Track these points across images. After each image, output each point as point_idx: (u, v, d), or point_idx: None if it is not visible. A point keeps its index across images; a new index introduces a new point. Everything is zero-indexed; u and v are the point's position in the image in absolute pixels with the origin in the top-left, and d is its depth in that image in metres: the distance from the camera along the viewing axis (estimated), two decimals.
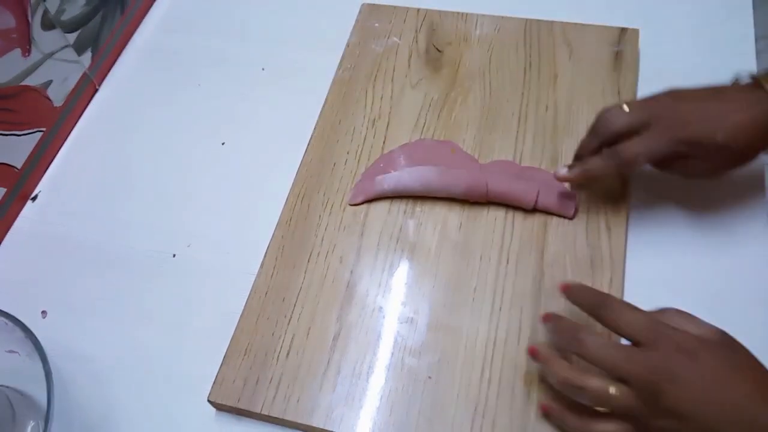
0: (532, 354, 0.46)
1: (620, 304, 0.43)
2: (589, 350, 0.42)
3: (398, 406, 0.49)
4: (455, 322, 0.53)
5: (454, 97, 0.66)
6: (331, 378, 0.51)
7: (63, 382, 0.54)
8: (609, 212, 0.57)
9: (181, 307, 0.58)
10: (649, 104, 0.50)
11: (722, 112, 0.48)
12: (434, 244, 0.57)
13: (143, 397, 0.53)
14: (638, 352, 0.41)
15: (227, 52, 0.75)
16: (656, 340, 0.41)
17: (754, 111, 0.48)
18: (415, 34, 0.71)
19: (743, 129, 0.48)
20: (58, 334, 0.56)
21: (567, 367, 0.43)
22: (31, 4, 0.62)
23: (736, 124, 0.48)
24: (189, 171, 0.66)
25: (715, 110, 0.48)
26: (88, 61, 0.72)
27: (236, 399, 0.50)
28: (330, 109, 0.66)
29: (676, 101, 0.50)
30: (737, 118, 0.48)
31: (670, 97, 0.51)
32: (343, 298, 0.55)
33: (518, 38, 0.69)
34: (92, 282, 0.60)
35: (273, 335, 0.53)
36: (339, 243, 0.58)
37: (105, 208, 0.64)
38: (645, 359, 0.40)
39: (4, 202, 0.63)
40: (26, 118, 0.64)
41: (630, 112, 0.50)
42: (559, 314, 0.46)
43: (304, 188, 0.61)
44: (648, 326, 0.41)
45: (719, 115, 0.48)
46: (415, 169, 0.59)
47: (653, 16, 0.72)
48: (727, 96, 0.50)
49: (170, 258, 0.60)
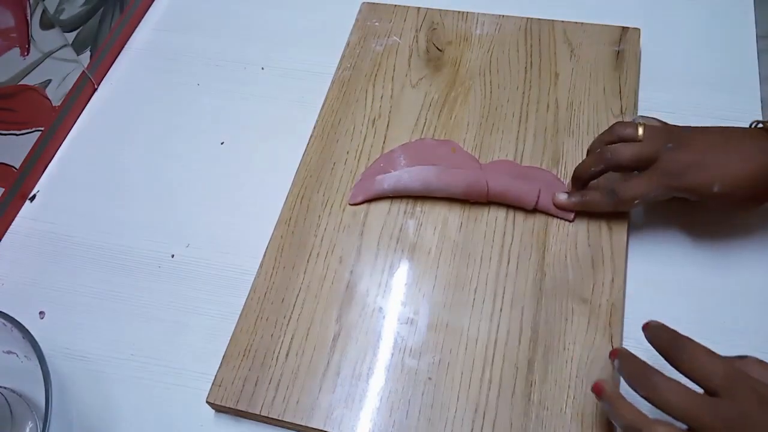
0: (597, 392, 0.42)
1: (696, 348, 0.40)
2: (661, 396, 0.38)
3: (398, 407, 0.49)
4: (455, 323, 0.53)
5: (455, 97, 0.66)
6: (330, 379, 0.51)
7: (61, 382, 0.53)
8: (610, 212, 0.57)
9: (180, 307, 0.57)
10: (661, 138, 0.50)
11: (724, 162, 0.48)
12: (434, 245, 0.57)
13: (142, 398, 0.53)
14: (714, 402, 0.38)
15: (226, 51, 0.75)
16: (734, 389, 0.38)
17: (757, 162, 0.47)
18: (416, 33, 0.71)
19: (744, 180, 0.47)
20: (57, 335, 0.56)
21: (635, 411, 0.40)
22: (30, 4, 0.62)
23: (736, 176, 0.47)
24: (188, 171, 0.66)
25: (717, 161, 0.48)
26: (87, 61, 0.72)
27: (235, 400, 0.50)
28: (330, 109, 0.66)
29: (685, 144, 0.49)
30: (738, 170, 0.47)
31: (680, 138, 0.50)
32: (343, 299, 0.54)
33: (519, 37, 0.69)
34: (90, 282, 0.59)
35: (272, 336, 0.53)
36: (339, 243, 0.57)
37: (103, 208, 0.64)
38: (721, 409, 0.37)
39: (2, 201, 0.63)
40: (25, 118, 0.64)
41: (642, 145, 0.50)
42: (629, 352, 0.42)
43: (303, 188, 0.61)
44: (726, 374, 0.38)
45: (720, 166, 0.48)
46: (415, 168, 0.59)
47: (654, 15, 0.72)
48: (734, 144, 0.49)
49: (169, 258, 0.60)
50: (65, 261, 0.61)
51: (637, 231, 0.57)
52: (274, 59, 0.73)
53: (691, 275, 0.55)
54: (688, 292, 0.54)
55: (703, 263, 0.56)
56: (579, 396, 0.49)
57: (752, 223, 0.57)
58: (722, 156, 0.48)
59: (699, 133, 0.50)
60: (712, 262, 0.56)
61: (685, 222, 0.58)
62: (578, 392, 0.49)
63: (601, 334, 0.51)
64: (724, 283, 0.54)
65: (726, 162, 0.47)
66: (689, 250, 0.56)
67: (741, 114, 0.63)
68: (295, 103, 0.69)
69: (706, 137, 0.50)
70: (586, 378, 0.49)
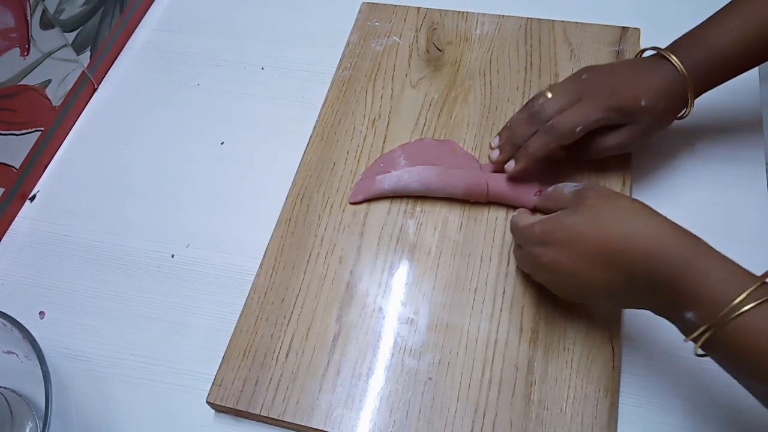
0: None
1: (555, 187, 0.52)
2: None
3: (398, 407, 0.49)
4: (456, 323, 0.53)
5: (455, 97, 0.66)
6: (330, 379, 0.51)
7: (61, 382, 0.53)
8: None
9: (180, 307, 0.57)
10: (574, 84, 0.54)
11: (642, 81, 0.53)
12: (434, 245, 0.57)
13: (142, 399, 0.53)
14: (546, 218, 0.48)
15: (226, 51, 0.75)
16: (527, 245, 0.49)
17: (667, 79, 0.53)
18: (416, 33, 0.71)
19: (662, 95, 0.53)
20: (57, 335, 0.56)
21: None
22: (30, 4, 0.62)
23: (656, 90, 0.53)
24: (188, 171, 0.66)
25: (637, 80, 0.53)
26: (87, 61, 0.72)
27: (235, 400, 0.50)
28: (330, 109, 0.66)
29: (600, 75, 0.54)
30: (655, 86, 0.53)
31: (592, 72, 0.55)
32: (343, 299, 0.54)
33: (519, 37, 0.69)
34: (90, 282, 0.59)
35: (272, 336, 0.53)
36: (339, 243, 0.57)
37: (103, 208, 0.64)
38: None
39: (3, 201, 0.63)
40: (25, 118, 0.64)
41: (556, 96, 0.54)
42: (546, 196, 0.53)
43: (303, 188, 0.61)
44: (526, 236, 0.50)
45: (640, 83, 0.53)
46: (415, 168, 0.59)
47: (654, 15, 0.72)
48: (641, 67, 0.54)
49: (169, 258, 0.60)
50: (65, 261, 0.61)
51: None
52: (274, 59, 0.73)
53: None
54: None
55: None
56: (579, 396, 0.49)
57: (755, 221, 0.57)
58: (638, 75, 0.54)
59: (606, 65, 0.56)
60: None
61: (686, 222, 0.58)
62: (578, 392, 0.49)
63: (601, 334, 0.51)
64: None
65: (643, 79, 0.53)
66: None
67: (741, 114, 0.63)
68: (295, 103, 0.69)
69: (614, 66, 0.56)
70: (586, 378, 0.49)
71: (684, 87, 0.53)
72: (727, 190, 0.59)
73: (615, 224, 0.44)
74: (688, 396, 0.50)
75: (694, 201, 0.59)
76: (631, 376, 0.51)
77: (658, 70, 0.53)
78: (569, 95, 0.54)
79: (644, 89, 0.53)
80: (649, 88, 0.53)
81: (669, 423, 0.49)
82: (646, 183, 0.59)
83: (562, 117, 0.53)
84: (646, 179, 0.60)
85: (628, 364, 0.51)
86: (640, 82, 0.53)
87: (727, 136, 0.62)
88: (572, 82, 0.55)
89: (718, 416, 0.49)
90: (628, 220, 0.44)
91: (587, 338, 0.51)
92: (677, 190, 0.59)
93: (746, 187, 0.59)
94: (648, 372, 0.51)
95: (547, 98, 0.54)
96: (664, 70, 0.53)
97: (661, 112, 0.54)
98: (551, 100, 0.54)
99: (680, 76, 0.52)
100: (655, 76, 0.53)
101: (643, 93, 0.52)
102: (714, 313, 0.39)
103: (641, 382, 0.51)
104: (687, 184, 0.60)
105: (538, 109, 0.54)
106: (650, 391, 0.50)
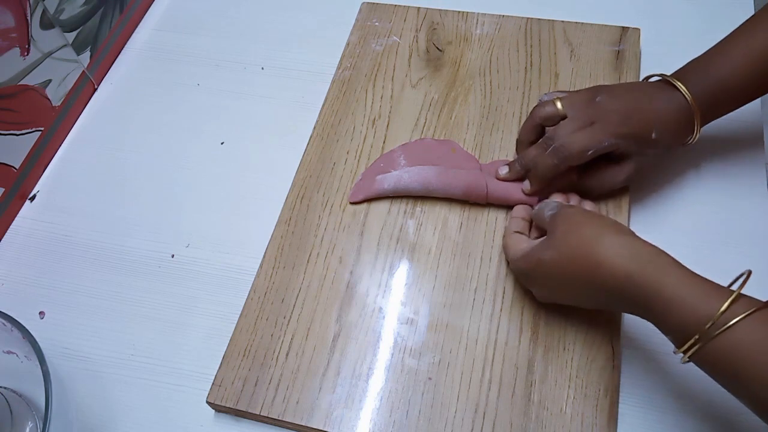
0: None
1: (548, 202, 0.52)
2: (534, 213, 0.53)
3: (398, 407, 0.49)
4: (455, 323, 0.53)
5: (455, 97, 0.66)
6: (330, 379, 0.51)
7: (61, 383, 0.53)
8: (610, 211, 0.57)
9: (180, 307, 0.57)
10: (588, 106, 0.54)
11: (654, 110, 0.53)
12: (434, 245, 0.57)
13: (142, 399, 0.53)
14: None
15: (226, 51, 0.75)
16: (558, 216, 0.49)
17: (676, 108, 0.53)
18: (416, 33, 0.71)
19: (671, 125, 0.53)
20: (57, 335, 0.56)
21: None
22: (30, 4, 0.62)
23: (667, 121, 0.53)
24: (188, 171, 0.66)
25: (649, 109, 0.53)
26: (87, 61, 0.72)
27: (235, 400, 0.50)
28: (330, 109, 0.66)
29: (614, 100, 0.53)
30: (666, 116, 0.53)
31: (606, 95, 0.54)
32: (343, 299, 0.54)
33: (519, 37, 0.69)
34: (90, 282, 0.59)
35: (272, 336, 0.53)
36: (339, 243, 0.57)
37: (103, 208, 0.64)
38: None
39: (3, 201, 0.63)
40: (25, 118, 0.64)
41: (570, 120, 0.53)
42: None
43: (303, 188, 0.61)
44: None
45: (653, 112, 0.53)
46: (415, 168, 0.59)
47: (654, 15, 0.72)
48: (652, 95, 0.54)
49: (169, 258, 0.60)
50: (65, 261, 0.61)
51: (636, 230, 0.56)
52: (274, 59, 0.73)
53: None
54: None
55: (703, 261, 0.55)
56: (579, 396, 0.49)
57: (755, 225, 0.57)
58: (650, 104, 0.53)
59: (617, 88, 0.56)
60: (712, 260, 0.55)
61: (686, 224, 0.58)
62: (578, 392, 0.49)
63: (601, 334, 0.51)
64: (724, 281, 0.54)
65: (655, 109, 0.53)
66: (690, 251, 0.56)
67: (741, 114, 0.63)
68: (295, 103, 0.69)
69: (626, 90, 0.55)
70: (586, 378, 0.49)
71: (691, 115, 0.52)
72: (727, 190, 0.59)
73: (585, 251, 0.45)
74: (687, 396, 0.50)
75: (694, 201, 0.59)
76: (631, 376, 0.51)
77: (669, 100, 0.53)
78: (582, 119, 0.53)
79: (656, 119, 0.52)
80: (660, 118, 0.52)
81: (669, 423, 0.49)
82: (646, 183, 0.59)
83: (573, 138, 0.52)
84: (646, 179, 0.59)
85: (628, 364, 0.51)
86: (652, 111, 0.53)
87: (727, 136, 0.62)
88: (585, 104, 0.54)
89: (717, 416, 0.49)
90: (598, 247, 0.44)
91: (587, 338, 0.51)
92: (677, 191, 0.59)
93: (746, 187, 0.59)
94: (648, 372, 0.51)
95: (556, 110, 0.54)
96: (674, 99, 0.53)
97: (668, 144, 0.54)
98: (565, 125, 0.53)
99: (688, 104, 0.52)
100: (666, 106, 0.53)
101: (654, 123, 0.52)
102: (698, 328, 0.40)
103: (641, 382, 0.51)
104: (687, 184, 0.60)
105: (551, 133, 0.53)
106: (650, 391, 0.50)
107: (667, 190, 0.59)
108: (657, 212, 0.58)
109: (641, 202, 0.59)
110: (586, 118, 0.53)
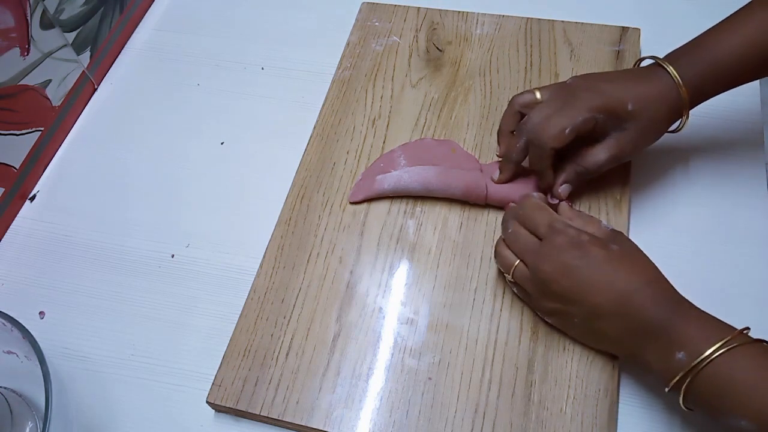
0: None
1: (533, 204, 0.51)
2: (507, 235, 0.51)
3: (398, 407, 0.49)
4: (455, 323, 0.53)
5: (455, 97, 0.66)
6: (330, 379, 0.51)
7: (61, 383, 0.53)
8: (610, 211, 0.57)
9: (180, 307, 0.57)
10: (560, 88, 0.54)
11: (632, 86, 0.53)
12: (434, 245, 0.57)
13: (142, 399, 0.53)
14: (537, 243, 0.49)
15: (226, 51, 0.75)
16: (553, 234, 0.48)
17: (659, 86, 0.52)
18: (416, 33, 0.71)
19: (650, 101, 0.52)
20: (57, 335, 0.56)
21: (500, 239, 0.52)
22: (30, 4, 0.62)
23: (645, 96, 0.52)
24: (188, 171, 0.66)
25: (626, 85, 0.53)
26: (87, 61, 0.72)
27: (235, 400, 0.50)
28: (330, 109, 0.66)
29: (588, 79, 0.54)
30: (645, 91, 0.52)
31: (580, 77, 0.55)
32: (343, 299, 0.54)
33: (519, 37, 0.69)
34: (90, 282, 0.59)
35: (272, 336, 0.53)
36: (339, 243, 0.57)
37: (103, 209, 0.64)
38: (540, 248, 0.48)
39: (3, 201, 0.63)
40: (25, 118, 0.64)
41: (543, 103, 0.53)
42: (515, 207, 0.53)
43: (303, 188, 0.61)
44: (548, 223, 0.49)
45: (629, 88, 0.52)
46: (415, 169, 0.59)
47: (654, 15, 0.72)
48: (633, 74, 0.54)
49: (169, 258, 0.60)
50: (65, 261, 0.61)
51: (637, 229, 0.57)
52: (274, 59, 0.73)
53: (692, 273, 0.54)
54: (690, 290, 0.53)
55: (704, 261, 0.56)
56: (579, 396, 0.49)
57: (755, 222, 0.57)
58: (628, 81, 0.53)
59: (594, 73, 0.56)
60: (713, 260, 0.56)
61: (687, 220, 0.58)
62: (578, 392, 0.49)
63: None
64: (726, 281, 0.54)
65: (633, 85, 0.53)
66: (690, 249, 0.56)
67: (741, 114, 0.63)
68: (295, 103, 0.69)
69: (604, 72, 0.56)
70: (586, 378, 0.49)
71: (678, 96, 0.52)
72: (727, 190, 0.59)
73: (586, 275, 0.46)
74: None
75: (694, 201, 0.59)
76: (631, 376, 0.51)
77: (651, 78, 0.53)
78: (555, 101, 0.53)
79: (633, 94, 0.52)
80: (638, 93, 0.52)
81: (669, 423, 0.49)
82: (646, 183, 0.59)
83: (549, 121, 0.52)
84: (646, 179, 0.60)
85: (628, 364, 0.51)
86: (629, 87, 0.52)
87: (727, 135, 0.62)
88: (559, 87, 0.54)
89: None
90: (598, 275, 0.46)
91: None
92: (677, 191, 0.59)
93: (746, 187, 0.59)
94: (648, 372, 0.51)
95: (534, 98, 0.54)
96: (657, 78, 0.52)
97: (648, 120, 0.52)
98: (540, 109, 0.53)
99: (675, 85, 0.51)
100: (645, 83, 0.52)
101: (630, 97, 0.52)
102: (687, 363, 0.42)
103: (641, 382, 0.51)
104: (686, 185, 0.60)
105: (524, 121, 0.53)
106: (650, 391, 0.50)
107: (666, 190, 0.59)
108: (657, 212, 0.58)
109: (641, 203, 0.59)
110: (560, 99, 0.53)
